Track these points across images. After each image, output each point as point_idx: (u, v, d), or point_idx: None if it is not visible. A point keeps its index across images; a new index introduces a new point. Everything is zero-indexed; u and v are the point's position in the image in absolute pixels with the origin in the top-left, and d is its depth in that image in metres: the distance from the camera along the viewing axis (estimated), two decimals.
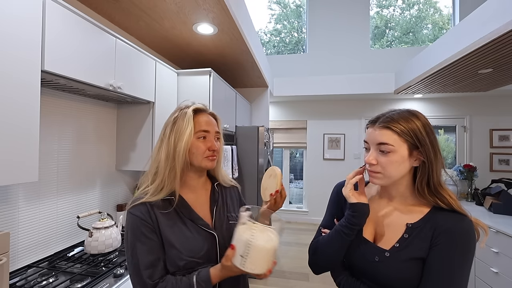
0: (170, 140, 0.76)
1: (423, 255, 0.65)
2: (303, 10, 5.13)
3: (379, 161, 0.69)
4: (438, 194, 0.67)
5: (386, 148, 0.67)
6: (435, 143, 0.67)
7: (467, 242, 0.63)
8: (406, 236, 0.69)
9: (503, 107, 3.91)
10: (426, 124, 0.68)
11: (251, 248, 0.64)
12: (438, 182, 0.67)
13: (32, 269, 1.22)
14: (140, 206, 0.73)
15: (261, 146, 2.77)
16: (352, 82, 3.97)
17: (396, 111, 0.71)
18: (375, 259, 0.70)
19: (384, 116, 0.70)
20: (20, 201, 1.24)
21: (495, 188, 2.52)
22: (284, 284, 2.64)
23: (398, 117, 0.68)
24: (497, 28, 1.74)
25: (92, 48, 1.23)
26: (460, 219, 0.65)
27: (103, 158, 1.74)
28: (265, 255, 0.65)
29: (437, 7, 5.60)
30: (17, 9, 0.90)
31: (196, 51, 2.31)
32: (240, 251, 0.65)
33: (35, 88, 0.96)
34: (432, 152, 0.66)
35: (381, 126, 0.68)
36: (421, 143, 0.65)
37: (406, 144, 0.66)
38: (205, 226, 0.77)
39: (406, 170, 0.69)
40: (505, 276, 1.87)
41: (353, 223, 0.71)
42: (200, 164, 0.79)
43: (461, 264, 0.62)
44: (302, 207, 4.80)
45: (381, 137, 0.68)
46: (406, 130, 0.66)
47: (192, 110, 0.79)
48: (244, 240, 0.65)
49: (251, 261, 0.64)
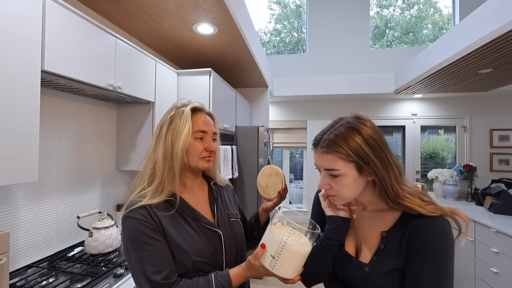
0: (167, 139, 0.74)
1: (400, 265, 0.63)
2: (303, 10, 5.13)
3: (331, 185, 0.66)
4: (401, 205, 0.64)
5: (334, 173, 0.64)
6: (383, 154, 0.63)
7: (443, 244, 0.60)
8: (382, 246, 0.67)
9: (503, 107, 3.91)
10: (369, 137, 0.63)
11: (285, 249, 0.61)
12: (396, 193, 0.63)
13: (32, 269, 1.22)
14: (139, 209, 0.69)
15: (261, 146, 2.77)
16: (352, 82, 3.97)
17: (336, 127, 0.67)
18: (357, 275, 0.68)
19: (323, 138, 0.67)
20: (20, 201, 1.24)
21: (495, 188, 2.52)
22: (284, 284, 2.63)
23: (337, 137, 0.64)
24: (497, 28, 1.73)
25: (92, 48, 1.23)
26: (432, 220, 0.61)
27: (103, 158, 1.74)
28: (298, 259, 0.62)
29: (437, 7, 5.59)
30: (17, 9, 0.90)
31: (196, 51, 2.31)
32: (271, 251, 0.62)
33: (35, 88, 0.96)
34: (381, 166, 0.62)
35: (322, 152, 0.66)
36: (365, 161, 0.62)
37: (352, 164, 0.63)
38: (209, 225, 0.76)
39: (362, 187, 0.66)
40: (505, 276, 1.87)
41: (330, 238, 0.69)
42: (197, 164, 0.77)
43: (440, 268, 0.60)
44: (302, 207, 4.80)
45: (326, 163, 0.65)
46: (347, 151, 0.62)
47: (190, 109, 0.77)
48: (278, 240, 0.61)
49: (283, 264, 0.61)
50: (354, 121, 0.67)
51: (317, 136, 0.70)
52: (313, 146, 0.70)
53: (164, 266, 0.65)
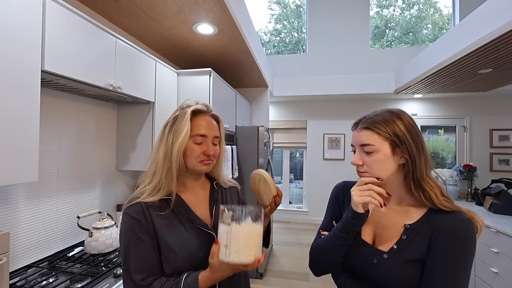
0: (168, 139, 0.74)
1: (421, 256, 0.65)
2: (303, 10, 5.13)
3: (364, 161, 0.70)
4: (421, 189, 0.67)
5: (369, 148, 0.68)
6: (418, 139, 0.68)
7: (466, 242, 0.63)
8: (404, 237, 0.68)
9: (503, 107, 3.91)
10: (408, 123, 0.69)
11: (232, 234, 0.62)
12: (421, 175, 0.67)
13: (32, 269, 1.22)
14: (136, 206, 0.71)
15: (261, 146, 2.77)
16: (352, 82, 3.97)
17: (378, 111, 0.73)
18: (374, 261, 0.70)
19: (365, 118, 0.73)
20: (20, 201, 1.24)
21: (495, 188, 2.52)
22: (284, 284, 2.64)
23: (379, 117, 0.70)
24: (497, 28, 1.74)
25: (92, 48, 1.23)
26: (458, 219, 0.64)
27: (103, 158, 1.74)
28: (247, 239, 0.62)
29: (437, 7, 5.59)
30: (17, 9, 0.90)
31: (196, 51, 2.31)
32: (223, 243, 0.63)
33: (35, 88, 0.96)
34: (415, 148, 0.66)
35: (362, 128, 0.71)
36: (402, 141, 0.66)
37: (387, 142, 0.67)
38: (203, 227, 0.75)
39: (393, 168, 0.69)
40: (505, 276, 1.87)
41: (350, 229, 0.70)
42: (194, 167, 0.76)
43: (461, 264, 0.62)
44: (302, 207, 4.80)
45: (363, 138, 0.69)
46: (386, 129, 0.67)
47: (191, 111, 0.76)
48: (224, 230, 0.63)
49: (235, 249, 0.61)
50: (396, 109, 0.73)
51: (358, 118, 0.75)
52: (353, 126, 0.75)
53: (144, 267, 0.68)
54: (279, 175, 5.00)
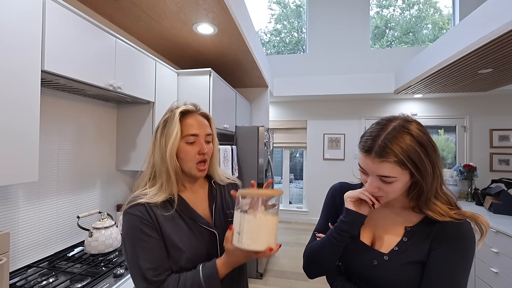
0: (162, 143, 0.74)
1: (422, 258, 0.65)
2: (303, 10, 5.13)
3: (381, 188, 0.65)
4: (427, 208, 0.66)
5: (389, 180, 0.63)
6: (433, 155, 0.62)
7: (466, 245, 0.63)
8: (405, 239, 0.68)
9: (503, 107, 3.91)
10: (419, 136, 0.62)
11: (245, 220, 0.63)
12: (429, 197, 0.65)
13: (32, 269, 1.22)
14: (138, 206, 0.71)
15: (261, 146, 2.77)
16: (352, 82, 3.97)
17: (388, 131, 0.63)
18: (374, 263, 0.69)
19: (376, 143, 0.63)
20: (20, 201, 1.24)
21: (495, 188, 2.52)
22: (284, 284, 2.64)
23: (392, 141, 0.61)
24: (497, 28, 1.74)
25: (92, 48, 1.23)
26: (459, 221, 0.64)
27: (103, 158, 1.74)
28: (260, 227, 0.63)
29: (437, 7, 5.59)
30: (17, 9, 0.90)
31: (196, 51, 2.31)
32: (236, 229, 0.64)
33: (35, 88, 0.96)
34: (431, 173, 0.63)
35: (379, 160, 0.62)
36: (419, 168, 0.62)
37: (407, 171, 0.62)
38: (205, 225, 0.76)
39: (406, 188, 0.68)
40: (505, 276, 1.87)
41: (343, 229, 0.69)
42: (190, 171, 0.76)
43: (461, 267, 0.62)
44: (302, 207, 4.80)
45: (383, 171, 0.62)
46: (405, 157, 0.60)
47: (180, 112, 0.75)
48: (238, 216, 0.64)
49: (247, 236, 0.62)
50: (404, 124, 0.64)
51: (366, 140, 0.65)
52: (363, 151, 0.66)
53: (157, 263, 0.67)
54: (279, 175, 5.01)
